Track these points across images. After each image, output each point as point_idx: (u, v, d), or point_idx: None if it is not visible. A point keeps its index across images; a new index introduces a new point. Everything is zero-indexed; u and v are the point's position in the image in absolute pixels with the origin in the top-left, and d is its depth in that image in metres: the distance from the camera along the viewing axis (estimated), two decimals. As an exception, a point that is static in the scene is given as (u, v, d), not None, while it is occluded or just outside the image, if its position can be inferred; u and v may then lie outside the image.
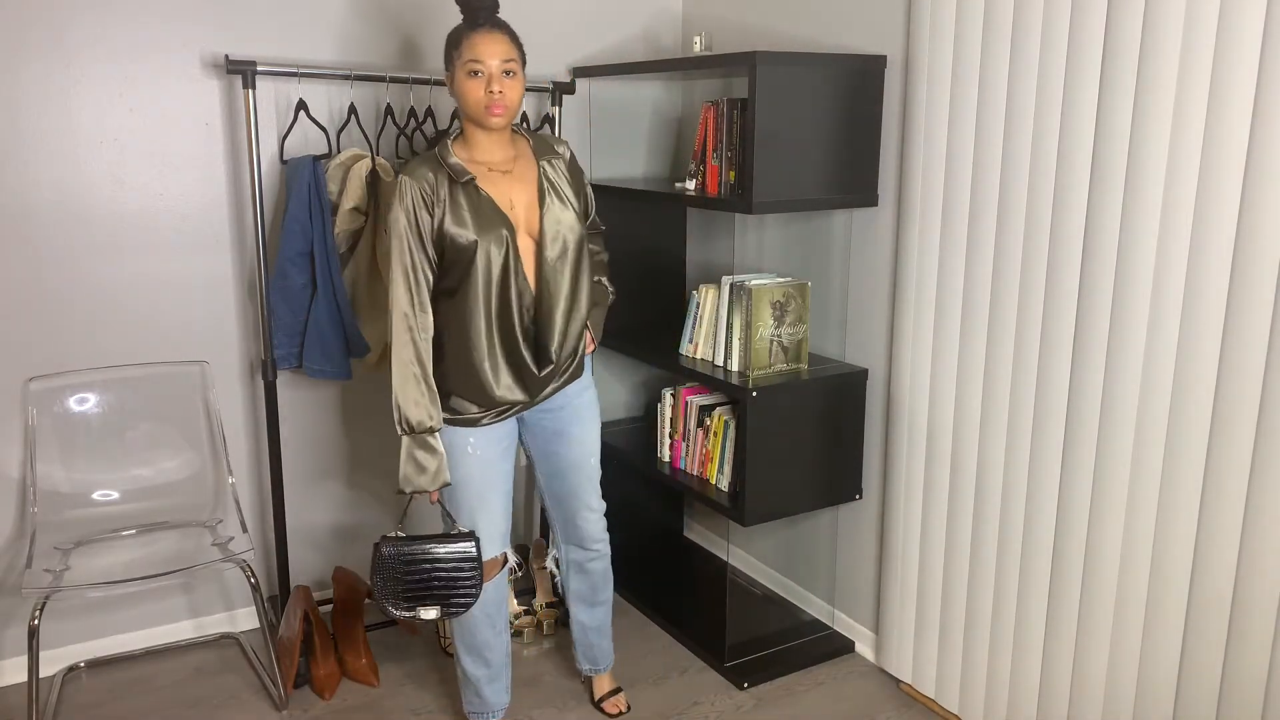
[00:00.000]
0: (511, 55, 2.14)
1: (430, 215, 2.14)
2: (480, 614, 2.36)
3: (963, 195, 2.40)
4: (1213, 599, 2.02)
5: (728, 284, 2.76)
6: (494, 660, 2.45)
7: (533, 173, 2.25)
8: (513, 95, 2.14)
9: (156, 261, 2.80)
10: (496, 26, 2.15)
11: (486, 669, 2.45)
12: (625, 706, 2.70)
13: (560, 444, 2.41)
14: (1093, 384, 2.17)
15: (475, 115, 2.15)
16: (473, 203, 2.15)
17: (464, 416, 2.25)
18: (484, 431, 2.28)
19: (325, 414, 3.10)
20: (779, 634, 3.03)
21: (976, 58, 2.33)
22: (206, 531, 2.77)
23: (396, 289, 2.15)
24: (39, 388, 2.71)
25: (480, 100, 2.12)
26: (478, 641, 2.41)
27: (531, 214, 2.22)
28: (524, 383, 2.27)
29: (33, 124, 2.60)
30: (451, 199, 2.14)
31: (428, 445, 2.18)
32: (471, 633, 2.40)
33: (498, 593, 2.40)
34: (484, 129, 2.18)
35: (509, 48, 2.14)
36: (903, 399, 2.65)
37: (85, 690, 2.78)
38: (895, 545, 2.72)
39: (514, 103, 2.15)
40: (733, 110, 2.63)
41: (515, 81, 2.14)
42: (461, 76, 2.13)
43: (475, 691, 2.48)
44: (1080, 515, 2.24)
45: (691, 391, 2.95)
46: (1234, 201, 1.89)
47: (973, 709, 2.57)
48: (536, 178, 2.24)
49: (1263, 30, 1.81)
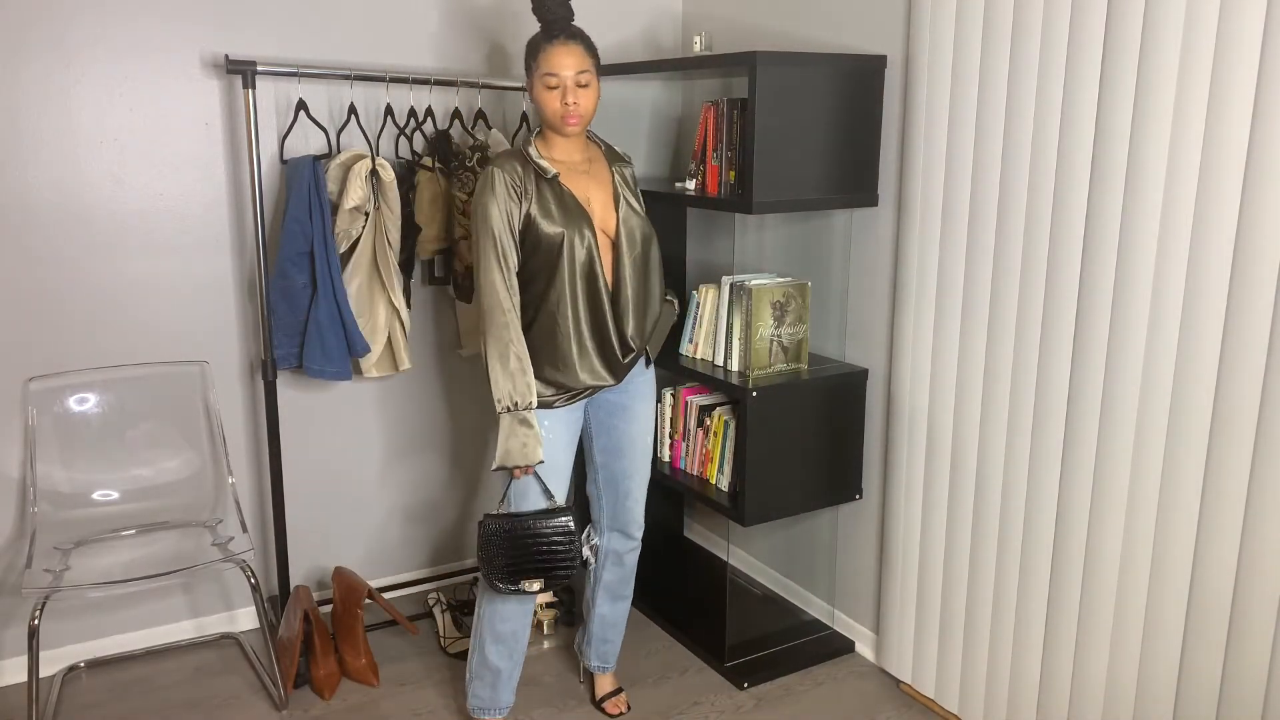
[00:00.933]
0: (585, 66, 2.24)
1: (518, 206, 2.25)
2: (514, 601, 2.41)
3: (963, 195, 2.40)
4: (1213, 599, 2.02)
5: (728, 284, 2.76)
6: (517, 652, 2.49)
7: (607, 175, 2.38)
8: (587, 105, 2.25)
9: (156, 261, 2.80)
10: (572, 38, 2.24)
11: (510, 660, 2.48)
12: (625, 707, 2.71)
13: (622, 418, 2.51)
14: (1093, 384, 2.17)
15: (553, 124, 2.27)
16: (557, 197, 2.27)
17: (540, 400, 2.33)
18: (557, 414, 2.37)
19: (325, 414, 3.10)
20: (779, 634, 3.03)
21: (976, 58, 2.33)
22: (206, 531, 2.77)
23: (491, 274, 2.24)
24: (39, 388, 2.71)
25: (557, 111, 2.23)
26: (508, 630, 2.44)
27: (606, 211, 2.34)
28: (610, 367, 2.38)
29: (33, 124, 2.61)
30: (538, 192, 2.26)
31: (527, 421, 2.26)
32: (505, 619, 2.43)
33: None
34: (561, 135, 2.30)
35: (583, 59, 2.24)
36: (903, 399, 2.65)
37: (85, 690, 2.78)
38: (895, 545, 2.72)
39: (588, 112, 2.26)
40: (733, 110, 2.63)
41: (590, 91, 2.25)
42: (539, 87, 2.25)
43: (490, 685, 2.50)
44: (1080, 515, 2.24)
45: (691, 391, 2.95)
46: (1234, 201, 1.89)
47: (973, 709, 2.57)
48: (611, 180, 2.37)
49: (1263, 30, 1.81)
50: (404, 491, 3.30)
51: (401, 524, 3.32)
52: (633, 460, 2.53)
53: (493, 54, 3.14)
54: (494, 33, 3.13)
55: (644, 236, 2.38)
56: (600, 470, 2.57)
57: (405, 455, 3.28)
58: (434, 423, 3.30)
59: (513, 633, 2.45)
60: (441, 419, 3.31)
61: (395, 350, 2.93)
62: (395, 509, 3.30)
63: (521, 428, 2.25)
